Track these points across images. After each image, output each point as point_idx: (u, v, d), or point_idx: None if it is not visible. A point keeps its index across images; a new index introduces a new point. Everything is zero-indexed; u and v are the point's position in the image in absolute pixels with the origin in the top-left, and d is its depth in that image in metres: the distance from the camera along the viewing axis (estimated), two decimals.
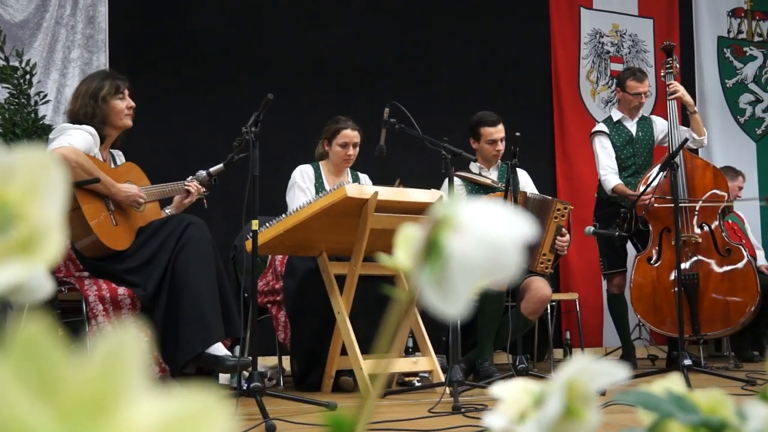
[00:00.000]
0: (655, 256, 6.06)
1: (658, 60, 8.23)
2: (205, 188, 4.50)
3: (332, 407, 3.68)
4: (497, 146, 5.69)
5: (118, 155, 4.41)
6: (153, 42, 6.54)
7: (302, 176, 5.25)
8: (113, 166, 4.29)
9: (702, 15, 8.64)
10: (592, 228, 5.87)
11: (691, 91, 6.99)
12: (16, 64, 5.52)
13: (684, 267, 5.85)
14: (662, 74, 6.37)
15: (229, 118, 5.82)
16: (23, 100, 5.47)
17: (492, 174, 5.82)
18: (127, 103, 4.22)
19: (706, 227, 6.02)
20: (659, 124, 6.39)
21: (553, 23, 8.03)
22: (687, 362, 4.49)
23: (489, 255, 0.44)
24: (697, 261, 5.98)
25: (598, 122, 6.77)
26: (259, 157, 3.73)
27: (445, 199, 4.17)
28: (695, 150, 6.32)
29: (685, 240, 5.90)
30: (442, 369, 4.69)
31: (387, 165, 5.08)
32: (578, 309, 7.00)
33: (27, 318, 0.33)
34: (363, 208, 4.40)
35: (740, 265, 5.95)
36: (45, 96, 5.68)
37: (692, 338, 5.88)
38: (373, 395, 0.45)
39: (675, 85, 6.16)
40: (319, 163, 5.35)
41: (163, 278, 3.98)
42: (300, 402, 3.75)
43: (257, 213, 3.89)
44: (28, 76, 5.53)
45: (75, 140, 3.96)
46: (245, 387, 3.44)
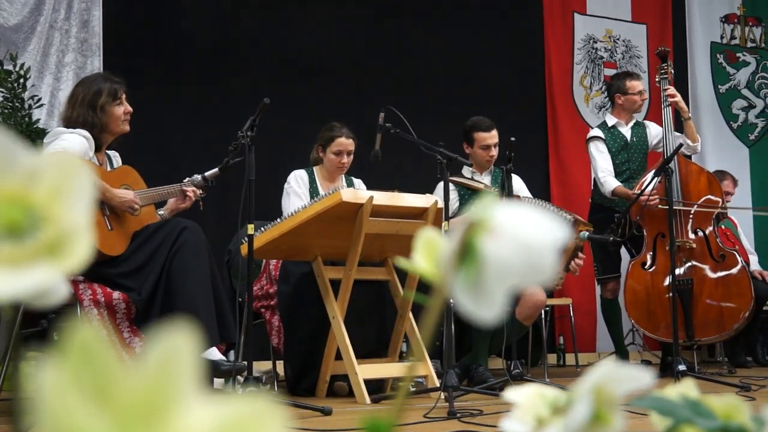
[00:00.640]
0: (650, 262, 6.06)
1: (652, 65, 8.26)
2: (201, 190, 4.49)
3: (327, 412, 3.68)
4: (491, 152, 5.68)
5: (115, 156, 4.39)
6: (147, 46, 6.53)
7: (297, 181, 5.24)
8: (109, 169, 4.27)
9: (695, 21, 8.67)
10: (587, 233, 5.86)
11: (684, 97, 7.00)
12: (10, 68, 5.50)
13: (678, 272, 5.85)
14: (657, 80, 6.36)
15: (224, 123, 5.81)
16: (17, 104, 5.45)
17: (485, 179, 5.81)
18: (125, 108, 4.20)
19: (701, 232, 6.02)
20: (653, 130, 6.38)
21: (547, 29, 8.05)
22: (681, 368, 4.49)
23: (525, 258, 0.44)
24: (692, 266, 5.98)
25: (592, 127, 6.77)
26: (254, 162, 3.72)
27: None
28: (689, 156, 6.32)
29: (680, 245, 5.90)
30: (437, 374, 4.68)
31: (382, 169, 5.08)
32: (572, 314, 7.02)
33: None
34: (358, 213, 4.39)
35: (734, 271, 5.95)
36: (39, 100, 5.67)
37: (686, 344, 5.88)
38: (403, 396, 0.45)
39: (672, 91, 6.16)
40: (314, 169, 5.35)
41: (158, 282, 3.97)
42: (294, 407, 3.74)
43: (253, 217, 3.89)
44: (22, 80, 5.51)
45: (70, 145, 3.94)
46: (240, 392, 3.44)
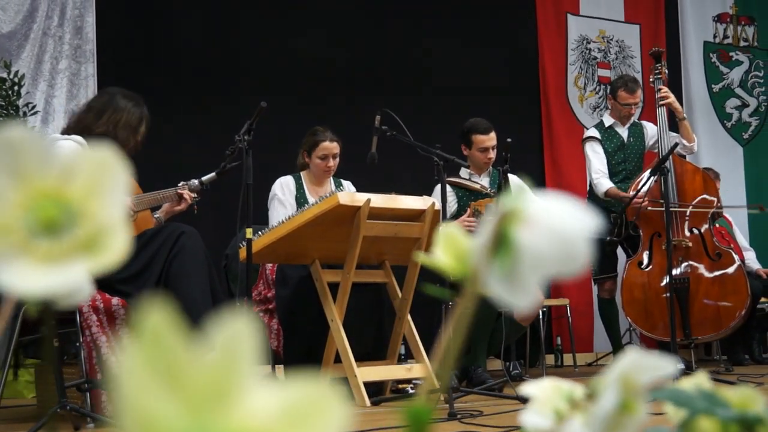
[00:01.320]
0: (646, 261, 6.06)
1: (645, 65, 8.28)
2: (197, 194, 4.49)
3: None
4: (488, 154, 5.67)
5: None
6: (141, 51, 6.53)
7: (282, 189, 5.21)
8: None
9: (688, 20, 8.69)
10: None
11: (678, 97, 7.02)
12: (4, 76, 5.51)
13: (675, 272, 5.86)
14: (651, 80, 6.39)
15: (219, 128, 5.80)
16: (11, 112, 5.45)
17: (483, 180, 5.81)
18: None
19: (696, 231, 6.04)
20: (650, 130, 6.40)
21: (540, 30, 8.06)
22: (679, 366, 4.50)
23: (559, 246, 0.45)
24: (688, 265, 5.99)
25: (587, 128, 6.79)
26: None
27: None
28: (683, 155, 6.34)
29: (676, 244, 5.91)
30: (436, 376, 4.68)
31: (378, 172, 5.08)
32: (569, 314, 7.03)
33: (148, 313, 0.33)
34: (356, 216, 4.40)
35: (731, 270, 5.96)
36: (34, 107, 5.67)
37: (683, 342, 5.89)
38: (438, 391, 0.45)
39: (666, 92, 6.18)
40: (301, 174, 5.33)
41: (157, 287, 3.97)
42: None
43: (251, 221, 3.89)
44: (17, 87, 5.52)
45: (66, 152, 3.94)
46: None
